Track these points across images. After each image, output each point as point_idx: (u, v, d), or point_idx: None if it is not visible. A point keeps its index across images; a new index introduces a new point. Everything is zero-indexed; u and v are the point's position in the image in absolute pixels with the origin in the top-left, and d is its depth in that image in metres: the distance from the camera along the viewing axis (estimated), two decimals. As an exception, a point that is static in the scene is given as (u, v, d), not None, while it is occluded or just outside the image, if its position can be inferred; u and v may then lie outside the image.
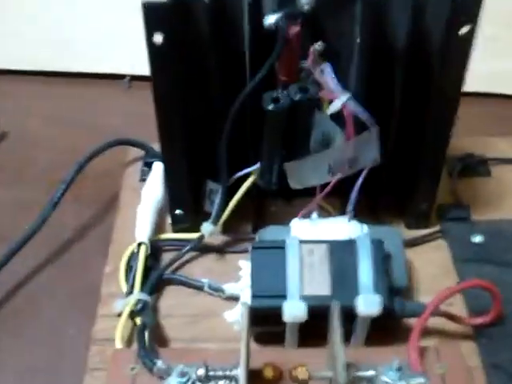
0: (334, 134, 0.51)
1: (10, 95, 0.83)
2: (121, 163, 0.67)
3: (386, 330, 0.50)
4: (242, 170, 0.53)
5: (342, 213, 0.55)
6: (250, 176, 0.53)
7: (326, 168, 0.50)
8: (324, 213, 0.56)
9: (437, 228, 0.59)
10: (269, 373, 0.40)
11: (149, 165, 0.64)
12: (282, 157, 0.50)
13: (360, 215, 0.54)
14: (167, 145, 0.52)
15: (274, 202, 0.60)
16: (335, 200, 0.57)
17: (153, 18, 0.44)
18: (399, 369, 0.42)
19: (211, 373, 0.41)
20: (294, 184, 0.51)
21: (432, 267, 0.56)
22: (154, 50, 0.45)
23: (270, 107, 0.46)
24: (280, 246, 0.49)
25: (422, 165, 0.55)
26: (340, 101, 0.47)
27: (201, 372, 0.41)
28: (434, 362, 0.45)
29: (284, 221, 0.54)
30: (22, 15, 0.81)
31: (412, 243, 0.57)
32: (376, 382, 0.41)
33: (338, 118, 0.51)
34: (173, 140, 0.52)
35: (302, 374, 0.40)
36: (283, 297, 0.47)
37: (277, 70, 0.48)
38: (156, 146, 0.66)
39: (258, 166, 0.52)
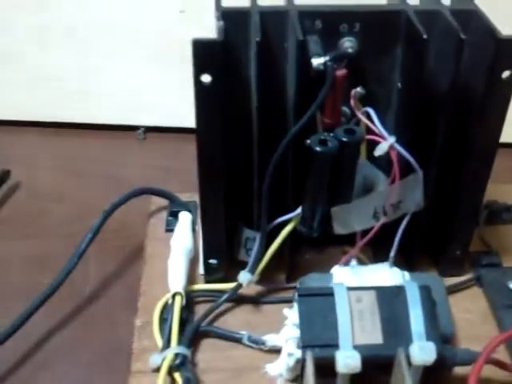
0: (376, 178, 0.50)
1: (23, 146, 0.81)
2: (143, 214, 0.65)
3: (436, 380, 0.48)
4: (278, 217, 0.52)
5: (375, 262, 0.54)
6: (290, 223, 0.52)
7: (371, 212, 0.49)
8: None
9: (470, 275, 0.58)
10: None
11: (174, 214, 0.62)
12: (326, 202, 0.49)
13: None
14: (206, 190, 0.51)
15: (306, 251, 0.59)
16: (367, 249, 0.57)
17: (202, 56, 0.43)
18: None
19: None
20: (339, 229, 0.50)
21: (469, 314, 0.55)
22: (201, 90, 0.44)
23: (319, 149, 0.45)
24: (328, 293, 0.47)
25: (458, 212, 0.54)
26: (387, 143, 0.46)
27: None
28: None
29: (318, 270, 0.53)
30: (35, 64, 0.81)
31: (447, 291, 0.56)
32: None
33: (376, 163, 0.51)
34: (211, 185, 0.50)
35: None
36: (335, 346, 0.45)
37: (320, 113, 0.47)
38: (180, 196, 0.65)
39: (298, 211, 0.51)
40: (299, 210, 0.51)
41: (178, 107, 0.79)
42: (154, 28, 0.77)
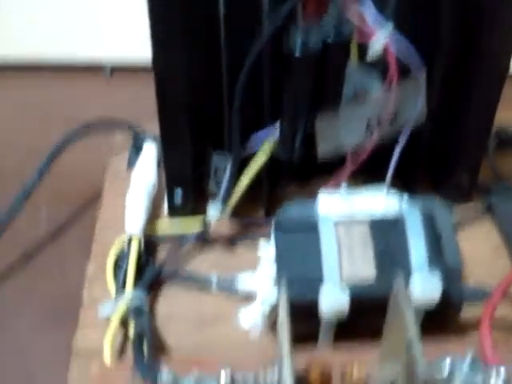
0: (368, 86, 0.41)
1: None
2: (104, 155, 0.57)
3: (441, 324, 0.40)
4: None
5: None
6: (266, 143, 0.43)
7: (363, 126, 0.41)
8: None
9: (479, 205, 0.50)
10: (315, 376, 0.30)
11: (138, 150, 0.54)
12: (308, 118, 0.40)
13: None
14: (166, 108, 0.42)
15: (287, 184, 0.50)
16: (358, 178, 0.48)
17: None
18: (473, 363, 0.33)
19: (237, 377, 0.30)
20: (325, 150, 0.41)
21: (479, 247, 0.47)
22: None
23: (298, 53, 0.37)
24: (310, 226, 0.39)
25: (467, 127, 0.46)
26: (381, 37, 0.37)
27: (225, 380, 0.30)
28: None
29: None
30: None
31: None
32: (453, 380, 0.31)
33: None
34: (172, 103, 0.42)
35: (358, 372, 0.30)
36: (318, 283, 0.37)
37: (301, 4, 0.38)
38: (147, 127, 0.56)
39: (276, 132, 0.42)
40: (278, 129, 0.42)
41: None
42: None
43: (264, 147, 0.43)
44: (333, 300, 0.36)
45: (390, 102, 0.40)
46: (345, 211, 0.41)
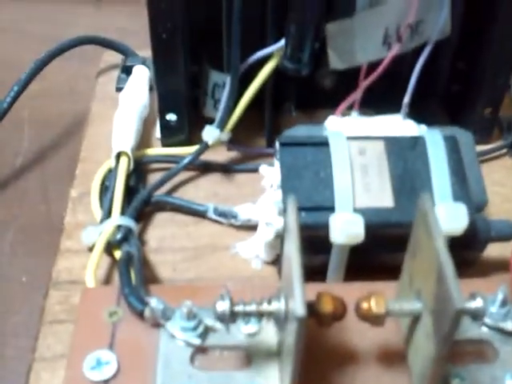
0: (387, -6, 0.37)
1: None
2: (93, 78, 0.52)
3: (464, 261, 0.36)
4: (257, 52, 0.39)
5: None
6: (271, 59, 0.39)
7: (380, 36, 0.36)
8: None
9: (500, 143, 0.46)
10: (327, 306, 0.26)
11: (128, 71, 0.49)
12: (318, 23, 0.36)
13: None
14: (158, 22, 0.37)
15: (292, 111, 0.46)
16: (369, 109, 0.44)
17: None
18: (504, 303, 0.29)
19: (237, 308, 0.26)
20: (336, 61, 0.37)
21: (503, 188, 0.43)
22: None
23: None
24: (320, 142, 0.35)
25: (491, 53, 0.41)
26: None
27: (223, 307, 0.26)
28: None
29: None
30: None
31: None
32: (483, 317, 0.28)
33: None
34: (165, 16, 0.37)
35: (377, 306, 0.26)
36: (330, 209, 0.33)
37: None
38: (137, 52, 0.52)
39: (281, 43, 0.38)
40: (283, 41, 0.38)
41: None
42: None
43: (268, 63, 0.38)
44: (346, 224, 0.32)
45: (412, 9, 0.35)
46: (356, 133, 0.37)
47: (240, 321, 0.27)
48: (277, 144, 0.35)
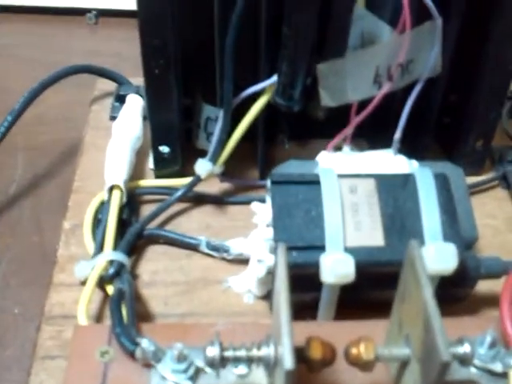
0: (378, 31, 0.37)
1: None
2: (87, 104, 0.52)
3: (454, 297, 0.37)
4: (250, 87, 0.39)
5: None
6: (263, 95, 0.39)
7: (371, 75, 0.36)
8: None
9: (491, 175, 0.46)
10: (317, 352, 0.26)
11: (122, 99, 0.49)
12: (310, 62, 0.36)
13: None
14: (151, 54, 0.38)
15: (285, 142, 0.47)
16: (361, 141, 0.45)
17: None
18: (493, 344, 0.29)
19: (227, 353, 0.27)
20: (327, 98, 0.37)
21: (493, 220, 0.44)
22: None
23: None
24: (311, 180, 0.35)
25: (483, 86, 0.42)
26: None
27: (213, 352, 0.26)
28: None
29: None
30: None
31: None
32: (471, 361, 0.28)
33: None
34: (159, 43, 0.37)
35: (367, 352, 0.26)
36: (320, 248, 0.33)
37: None
38: (131, 80, 0.52)
39: (274, 79, 0.38)
40: (275, 76, 0.38)
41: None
42: None
43: (260, 99, 0.39)
44: (336, 264, 0.32)
45: (402, 49, 0.35)
46: (347, 170, 0.37)
47: (230, 366, 0.28)
48: (268, 182, 0.35)
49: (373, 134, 0.44)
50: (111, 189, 0.41)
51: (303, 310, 0.35)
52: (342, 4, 0.35)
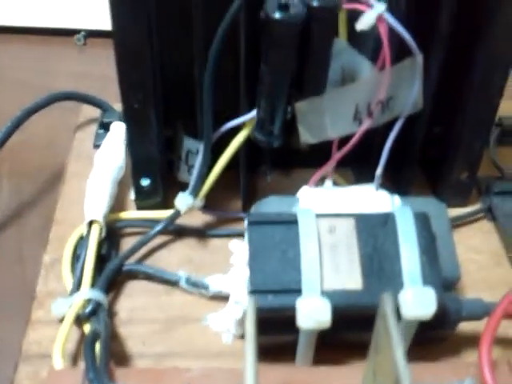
0: (358, 67, 0.37)
1: None
2: (71, 130, 0.52)
3: (434, 340, 0.36)
4: (230, 121, 0.39)
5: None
6: (243, 129, 0.39)
7: (351, 112, 0.36)
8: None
9: (478, 206, 0.46)
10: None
11: (106, 127, 0.49)
12: (289, 98, 0.36)
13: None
14: (128, 85, 0.37)
15: (268, 173, 0.46)
16: (345, 170, 0.44)
17: None
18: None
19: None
20: (307, 136, 0.37)
21: (478, 255, 0.43)
22: None
23: (278, 16, 0.32)
24: (289, 221, 0.34)
25: (467, 118, 0.41)
26: (375, 11, 0.33)
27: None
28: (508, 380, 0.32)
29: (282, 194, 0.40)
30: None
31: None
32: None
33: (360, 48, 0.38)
34: (137, 79, 0.37)
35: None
36: (296, 292, 0.32)
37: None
38: (115, 106, 0.51)
39: (253, 113, 0.38)
40: (255, 111, 0.38)
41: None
42: None
43: (240, 133, 0.38)
44: (312, 310, 0.32)
45: (382, 86, 0.35)
46: (328, 207, 0.37)
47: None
48: (245, 222, 0.35)
49: (356, 165, 0.43)
50: (90, 223, 0.40)
51: (282, 350, 0.35)
52: (322, 39, 0.34)
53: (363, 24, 0.33)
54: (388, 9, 0.33)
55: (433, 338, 0.35)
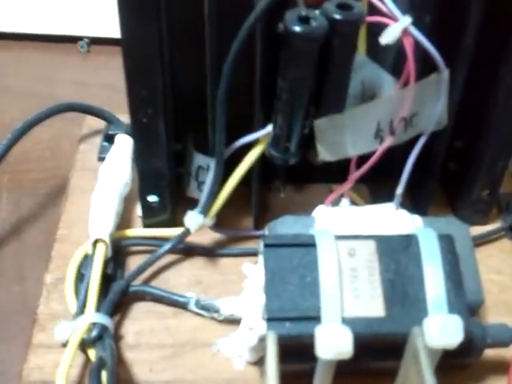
0: (380, 82, 0.35)
1: None
2: (74, 142, 0.50)
3: (459, 367, 0.34)
4: (243, 136, 0.37)
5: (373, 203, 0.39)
6: (257, 145, 0.37)
7: (372, 130, 0.34)
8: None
9: (498, 224, 0.44)
10: None
11: (111, 139, 0.47)
12: (307, 114, 0.34)
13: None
14: (138, 99, 0.35)
15: (281, 189, 0.44)
16: (362, 187, 0.43)
17: None
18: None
19: None
20: (325, 154, 0.35)
21: (499, 275, 0.41)
22: None
23: (298, 29, 0.30)
24: (307, 243, 0.33)
25: (489, 135, 0.39)
26: (400, 25, 0.31)
27: None
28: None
29: (296, 212, 0.38)
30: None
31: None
32: None
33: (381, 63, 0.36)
34: (147, 94, 0.35)
35: None
36: (315, 319, 0.31)
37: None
38: (121, 118, 0.50)
39: (268, 129, 0.36)
40: (270, 126, 0.36)
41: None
42: None
43: (254, 149, 0.37)
44: (332, 339, 0.30)
45: (406, 103, 0.33)
46: (346, 227, 0.35)
47: None
48: (261, 245, 0.33)
49: (374, 183, 0.41)
50: (95, 242, 0.38)
51: (299, 378, 0.33)
52: (343, 54, 0.33)
53: (388, 38, 0.31)
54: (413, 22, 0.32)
55: (456, 365, 0.34)
